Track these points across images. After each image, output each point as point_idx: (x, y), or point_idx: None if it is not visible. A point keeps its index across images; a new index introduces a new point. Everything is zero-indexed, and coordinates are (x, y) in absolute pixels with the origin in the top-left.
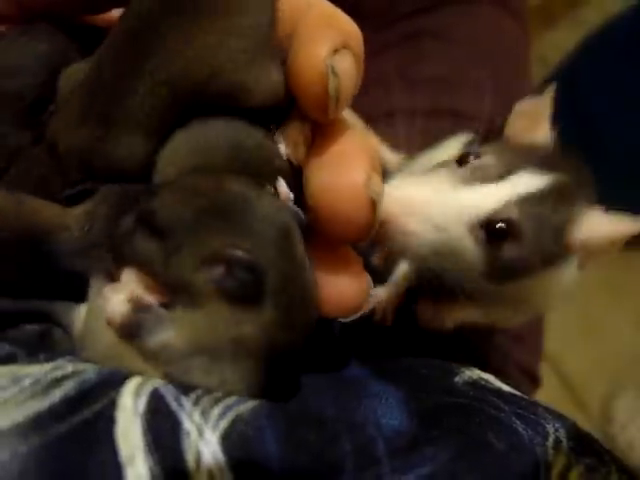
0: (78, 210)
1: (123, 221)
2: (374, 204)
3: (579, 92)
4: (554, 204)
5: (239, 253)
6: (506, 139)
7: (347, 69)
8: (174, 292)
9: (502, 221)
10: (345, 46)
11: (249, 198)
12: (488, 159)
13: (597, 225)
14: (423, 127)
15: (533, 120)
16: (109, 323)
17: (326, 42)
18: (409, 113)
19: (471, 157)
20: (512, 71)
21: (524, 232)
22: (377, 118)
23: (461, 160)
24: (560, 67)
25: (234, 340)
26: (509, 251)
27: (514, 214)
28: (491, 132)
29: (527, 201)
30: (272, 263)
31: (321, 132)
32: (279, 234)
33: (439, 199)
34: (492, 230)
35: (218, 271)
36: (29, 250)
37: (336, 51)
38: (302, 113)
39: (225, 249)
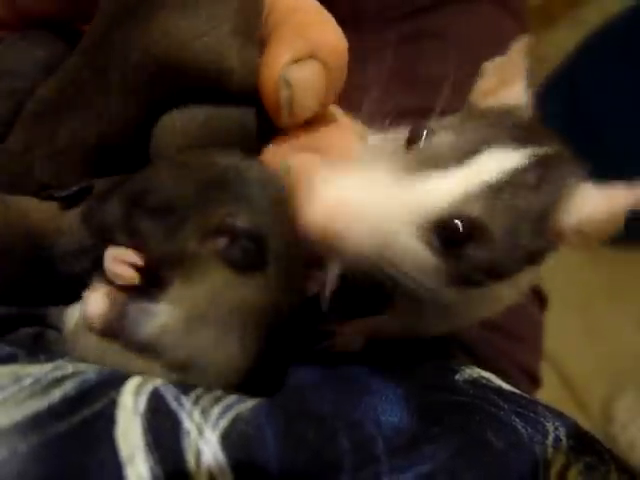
0: (74, 212)
1: (108, 207)
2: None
3: (579, 92)
4: (534, 186)
5: (241, 223)
6: (469, 107)
7: (304, 79)
8: (172, 268)
9: (459, 221)
10: (311, 56)
11: (241, 169)
12: (444, 137)
13: (589, 203)
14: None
15: (503, 78)
16: (89, 326)
17: (287, 52)
18: (408, 113)
19: (423, 136)
20: None
21: (493, 230)
22: (376, 117)
23: (410, 142)
24: (560, 67)
25: (239, 308)
26: (475, 255)
27: (474, 210)
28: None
29: (495, 190)
30: (271, 229)
31: None
32: (274, 201)
33: (373, 196)
34: (447, 234)
35: (222, 242)
36: (23, 256)
37: (296, 61)
38: None
39: (227, 220)
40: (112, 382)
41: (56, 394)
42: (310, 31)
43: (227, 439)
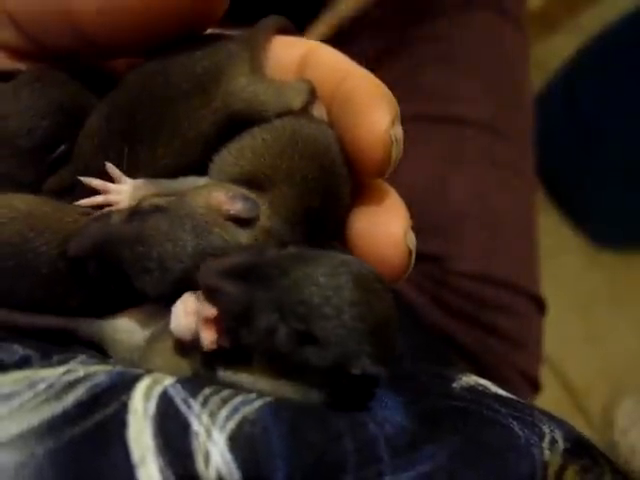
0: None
1: (263, 317)
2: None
3: (578, 97)
4: None
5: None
6: None
7: (401, 137)
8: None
9: None
10: (397, 116)
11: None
12: None
13: None
14: (423, 132)
15: None
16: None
17: (387, 114)
18: (406, 120)
19: None
20: (512, 77)
21: None
22: None
23: None
24: (560, 72)
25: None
26: None
27: None
28: None
29: None
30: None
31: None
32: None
33: None
34: None
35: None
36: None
37: (393, 122)
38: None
39: (369, 368)
40: (123, 385)
41: (69, 399)
42: (387, 90)
43: (234, 441)
